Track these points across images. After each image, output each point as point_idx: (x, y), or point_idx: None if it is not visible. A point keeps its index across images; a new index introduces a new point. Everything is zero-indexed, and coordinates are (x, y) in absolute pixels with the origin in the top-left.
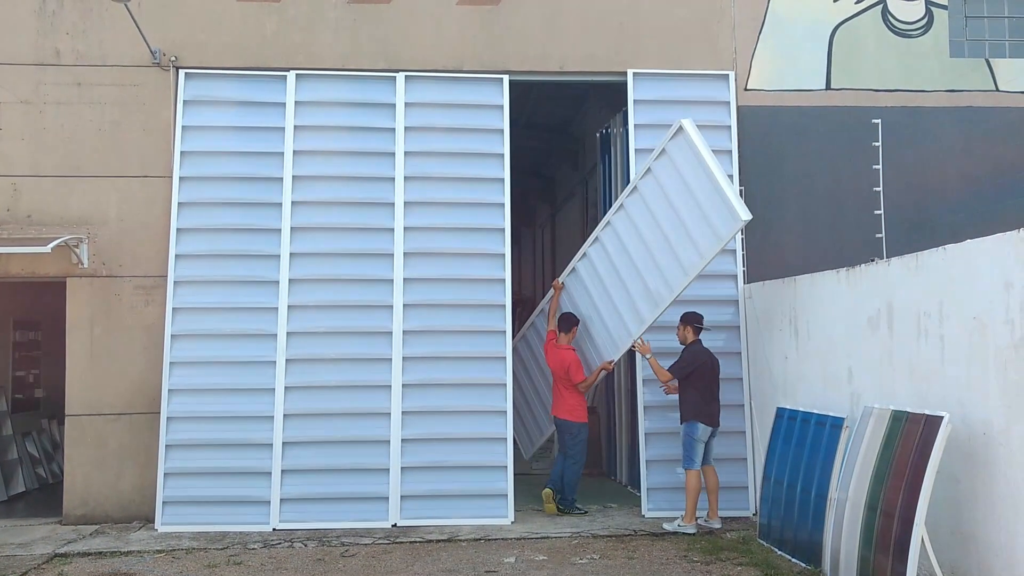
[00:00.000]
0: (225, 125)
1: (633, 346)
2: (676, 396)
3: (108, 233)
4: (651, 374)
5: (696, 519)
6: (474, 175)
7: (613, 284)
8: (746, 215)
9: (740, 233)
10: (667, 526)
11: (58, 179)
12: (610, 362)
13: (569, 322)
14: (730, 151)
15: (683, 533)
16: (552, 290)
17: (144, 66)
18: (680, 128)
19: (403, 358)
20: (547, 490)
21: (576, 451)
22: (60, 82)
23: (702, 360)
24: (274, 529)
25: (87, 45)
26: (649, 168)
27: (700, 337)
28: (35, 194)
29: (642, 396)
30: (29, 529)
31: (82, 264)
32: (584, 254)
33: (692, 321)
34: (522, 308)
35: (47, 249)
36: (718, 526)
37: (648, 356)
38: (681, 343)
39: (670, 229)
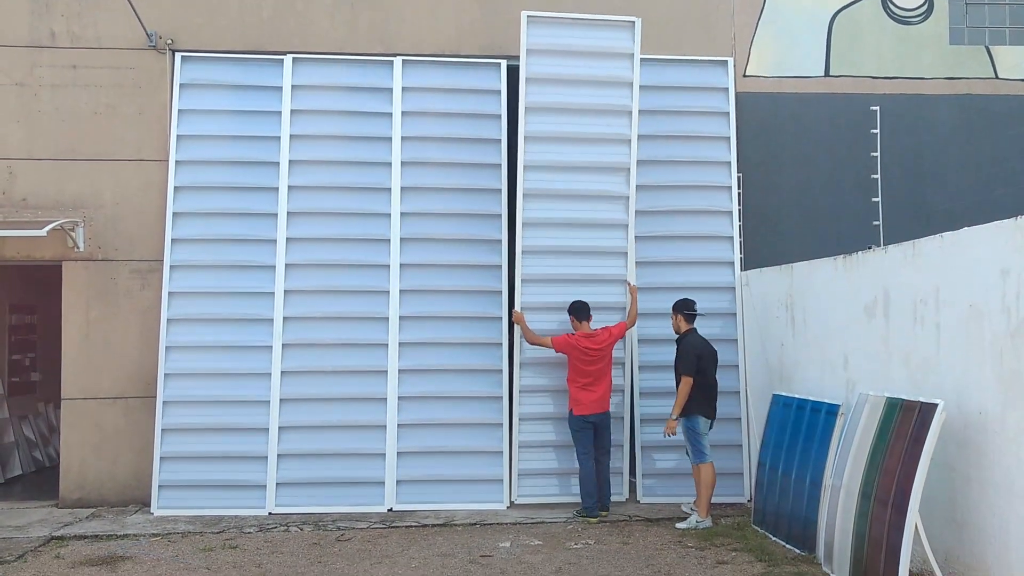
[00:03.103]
0: (221, 109)
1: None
2: (661, 380)
3: (104, 217)
4: (649, 361)
5: (691, 508)
6: (471, 160)
7: (575, 226)
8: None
9: (738, 220)
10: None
11: (53, 162)
12: (631, 286)
13: (582, 309)
14: (728, 137)
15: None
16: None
17: (140, 49)
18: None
19: (399, 343)
20: (604, 512)
21: (610, 444)
22: (55, 64)
23: (699, 352)
24: (270, 513)
25: (82, 27)
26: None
27: (695, 325)
28: (30, 177)
29: (637, 381)
30: (26, 512)
31: (78, 248)
32: (523, 248)
33: (683, 308)
34: None
35: (42, 232)
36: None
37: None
38: (676, 333)
39: (586, 118)
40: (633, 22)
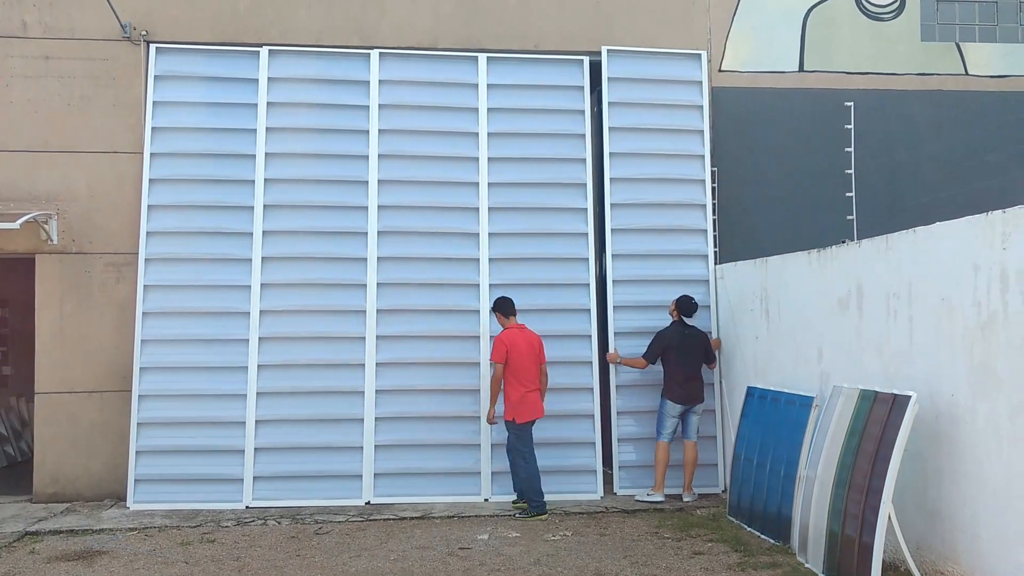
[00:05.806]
0: (197, 101)
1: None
2: (639, 373)
3: (78, 209)
4: (624, 353)
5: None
6: (449, 154)
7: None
8: None
9: (712, 213)
10: (638, 496)
11: (26, 154)
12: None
13: (506, 303)
14: (702, 131)
15: (652, 502)
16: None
17: (114, 40)
18: None
19: (376, 337)
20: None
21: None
22: (27, 55)
23: (666, 343)
24: (247, 507)
25: (55, 18)
26: None
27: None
28: (3, 169)
29: (615, 375)
30: None
31: (51, 240)
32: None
33: (680, 305)
34: None
35: (16, 225)
36: (688, 499)
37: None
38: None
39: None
40: (582, 60)
